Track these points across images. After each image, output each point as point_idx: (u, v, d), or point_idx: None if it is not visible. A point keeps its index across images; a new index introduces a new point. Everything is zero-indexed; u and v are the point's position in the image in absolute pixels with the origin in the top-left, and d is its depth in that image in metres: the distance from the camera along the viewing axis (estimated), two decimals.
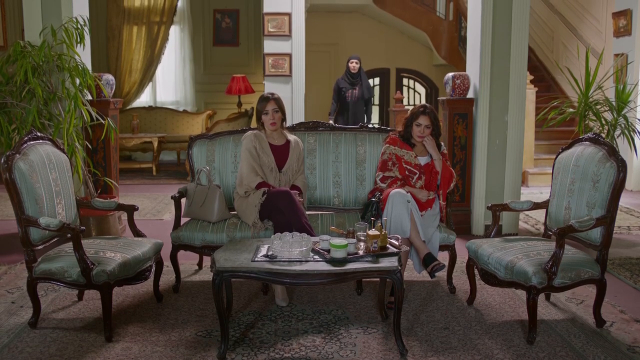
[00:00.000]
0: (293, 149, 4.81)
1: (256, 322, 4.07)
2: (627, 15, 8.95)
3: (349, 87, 9.12)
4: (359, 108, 9.18)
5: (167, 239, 4.70)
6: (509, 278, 3.90)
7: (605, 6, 10.20)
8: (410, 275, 4.89)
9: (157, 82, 12.75)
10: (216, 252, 3.87)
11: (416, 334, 3.91)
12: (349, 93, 9.12)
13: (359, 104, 9.17)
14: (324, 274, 3.58)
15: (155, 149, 10.72)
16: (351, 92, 9.12)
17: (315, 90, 12.73)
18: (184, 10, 12.43)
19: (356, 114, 9.15)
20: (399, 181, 4.63)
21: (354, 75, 9.13)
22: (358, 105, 9.16)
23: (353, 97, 9.11)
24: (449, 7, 12.38)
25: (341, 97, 9.18)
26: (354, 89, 9.11)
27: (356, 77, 9.14)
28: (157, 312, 4.24)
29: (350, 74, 9.14)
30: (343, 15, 13.64)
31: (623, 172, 3.87)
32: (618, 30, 9.22)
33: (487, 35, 6.27)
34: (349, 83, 9.14)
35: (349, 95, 9.11)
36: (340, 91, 9.19)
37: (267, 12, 8.35)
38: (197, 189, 4.79)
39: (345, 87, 9.14)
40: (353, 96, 9.11)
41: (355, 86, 9.12)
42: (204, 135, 5.26)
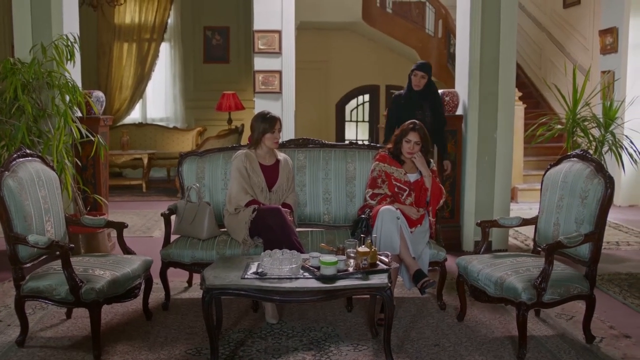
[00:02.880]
0: (283, 168, 4.82)
1: (246, 340, 4.05)
2: (614, 33, 9.04)
3: (413, 109, 5.98)
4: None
5: (157, 256, 4.67)
6: (498, 294, 3.91)
7: (592, 24, 10.31)
8: (400, 292, 4.88)
9: (148, 98, 12.76)
10: (206, 270, 3.86)
11: (406, 351, 3.90)
12: (418, 117, 5.67)
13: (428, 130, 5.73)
14: (314, 291, 3.58)
15: (145, 165, 10.70)
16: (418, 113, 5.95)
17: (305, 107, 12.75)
18: (175, 27, 12.46)
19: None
20: (388, 198, 4.64)
21: (420, 95, 6.04)
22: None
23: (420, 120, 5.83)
24: (437, 25, 12.47)
25: (402, 121, 5.56)
26: (418, 112, 5.95)
27: (421, 95, 6.05)
28: (147, 330, 4.21)
29: (411, 92, 6.09)
30: (333, 32, 13.71)
31: (611, 188, 3.90)
32: (605, 47, 9.31)
33: (475, 53, 6.32)
34: (413, 104, 6.03)
35: (418, 119, 5.60)
36: (401, 116, 5.84)
37: (257, 29, 8.38)
38: (187, 206, 4.79)
39: (408, 110, 5.96)
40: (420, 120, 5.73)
41: (420, 108, 6.02)
42: (194, 152, 5.26)
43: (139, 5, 12.06)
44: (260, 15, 8.36)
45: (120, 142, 10.85)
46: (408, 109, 5.97)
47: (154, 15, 12.08)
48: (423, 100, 6.06)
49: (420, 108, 6.02)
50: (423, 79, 6.02)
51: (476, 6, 6.28)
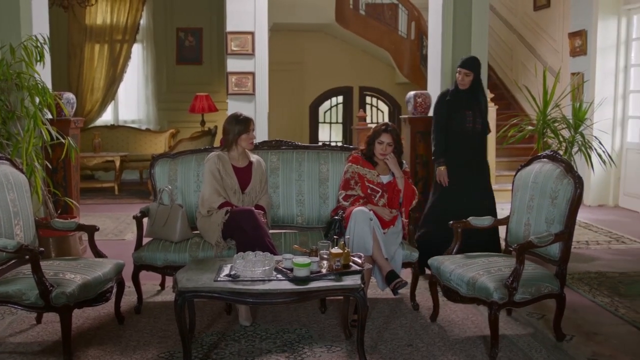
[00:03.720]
0: (256, 170, 4.81)
1: (219, 343, 4.03)
2: (583, 36, 9.18)
3: (462, 109, 5.53)
4: (478, 138, 5.63)
5: (129, 259, 4.63)
6: (470, 294, 3.94)
7: (562, 26, 10.45)
8: (373, 293, 4.90)
9: (120, 100, 12.64)
10: (178, 272, 3.84)
11: (380, 351, 3.92)
12: (466, 117, 5.54)
13: (479, 133, 5.61)
14: (287, 292, 3.58)
15: (118, 168, 10.60)
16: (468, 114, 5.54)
17: (279, 108, 12.75)
18: (147, 28, 12.36)
19: (475, 149, 5.62)
20: (361, 199, 4.65)
21: (469, 94, 5.55)
22: (477, 136, 5.60)
23: (467, 123, 5.55)
24: (410, 27, 12.53)
25: (454, 124, 5.56)
26: (468, 113, 5.52)
27: (470, 95, 5.55)
28: (119, 334, 4.17)
29: (458, 91, 5.58)
30: (306, 34, 13.72)
31: (580, 189, 3.95)
32: (574, 49, 9.44)
33: (447, 55, 6.37)
34: (461, 104, 5.54)
35: (468, 120, 5.55)
36: (450, 115, 5.56)
37: (230, 31, 8.38)
38: (159, 209, 4.76)
39: (457, 110, 5.55)
40: (467, 122, 5.55)
41: (470, 109, 5.54)
42: (166, 155, 5.23)
43: (111, 6, 11.95)
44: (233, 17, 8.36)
45: (92, 144, 10.73)
46: (457, 108, 5.53)
47: (126, 16, 11.98)
48: (473, 100, 5.53)
49: (469, 108, 5.52)
50: (468, 77, 5.46)
51: (448, 8, 6.34)
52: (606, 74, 9.10)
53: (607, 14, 9.04)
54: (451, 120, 5.56)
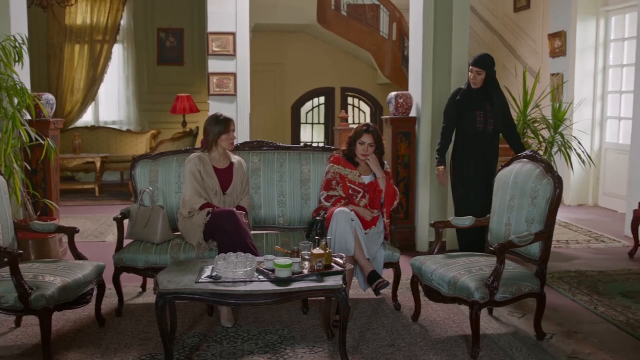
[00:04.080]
0: (237, 170, 4.80)
1: (201, 344, 4.02)
2: (562, 37, 9.26)
3: (473, 109, 5.43)
4: (490, 139, 5.51)
5: (110, 261, 4.60)
6: (452, 294, 3.96)
7: (542, 28, 10.52)
8: (355, 293, 4.91)
9: (100, 101, 12.55)
10: (159, 274, 3.82)
11: (362, 352, 3.93)
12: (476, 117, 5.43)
13: (490, 137, 5.51)
14: (268, 293, 3.58)
15: (98, 169, 10.53)
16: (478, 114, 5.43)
17: (261, 109, 12.73)
18: (127, 28, 12.28)
19: (485, 150, 5.50)
20: (343, 200, 4.66)
21: (481, 93, 5.45)
22: (488, 136, 5.48)
23: (478, 124, 5.43)
24: (392, 28, 12.57)
25: (463, 124, 5.50)
26: (479, 113, 5.42)
27: (483, 95, 5.45)
28: (99, 337, 4.14)
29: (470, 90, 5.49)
30: (288, 35, 13.70)
31: (559, 188, 3.99)
32: (554, 50, 9.52)
33: (428, 55, 6.39)
34: (473, 103, 5.44)
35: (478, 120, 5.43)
36: (461, 115, 5.50)
37: (211, 31, 8.34)
38: (140, 210, 4.73)
39: (469, 110, 5.44)
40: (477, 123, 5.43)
41: (481, 109, 5.42)
42: (147, 156, 5.20)
43: (91, 6, 11.86)
44: (214, 17, 8.33)
45: (72, 146, 10.65)
46: (467, 108, 5.41)
47: (106, 16, 11.90)
48: (485, 99, 5.41)
49: (481, 108, 5.39)
50: (479, 75, 5.34)
51: (429, 9, 6.36)
52: (585, 75, 9.18)
53: (586, 15, 9.13)
54: (462, 121, 5.48)
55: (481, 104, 5.40)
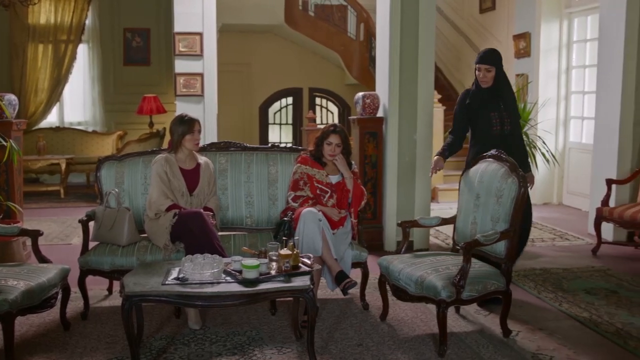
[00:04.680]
0: (204, 171, 4.77)
1: (168, 347, 3.99)
2: (527, 38, 9.38)
3: (487, 111, 5.00)
4: (507, 141, 4.99)
5: (75, 264, 4.54)
6: (419, 293, 3.99)
7: (507, 29, 10.66)
8: (323, 293, 4.92)
9: (65, 102, 12.35)
10: (125, 276, 3.79)
11: (330, 351, 3.93)
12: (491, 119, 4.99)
13: (507, 135, 5.02)
14: (236, 295, 3.56)
15: (63, 171, 10.37)
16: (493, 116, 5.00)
17: (228, 110, 12.67)
18: (93, 28, 12.12)
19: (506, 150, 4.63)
20: (310, 200, 4.66)
21: (493, 93, 5.01)
22: (504, 138, 5.00)
23: (494, 127, 5.00)
24: (359, 28, 12.61)
25: (479, 128, 5.10)
26: (493, 115, 4.98)
27: (494, 94, 5.00)
28: (64, 341, 4.08)
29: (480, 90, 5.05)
30: (256, 35, 13.67)
31: (524, 187, 4.05)
32: (518, 51, 9.64)
33: (395, 56, 6.43)
34: (485, 104, 5.01)
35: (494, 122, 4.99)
36: (471, 118, 5.11)
37: (178, 31, 8.30)
38: (106, 212, 4.68)
39: (481, 111, 5.02)
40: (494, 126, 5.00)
41: (495, 110, 4.99)
42: (113, 157, 5.15)
43: (55, 5, 11.67)
44: (181, 17, 8.28)
45: (37, 147, 10.47)
46: (480, 111, 4.94)
47: (71, 15, 11.72)
48: (498, 99, 4.92)
49: (495, 109, 4.92)
50: (489, 73, 4.85)
51: (395, 10, 6.39)
52: (549, 76, 9.31)
53: (550, 17, 9.27)
54: (476, 125, 5.03)
55: (494, 105, 4.93)
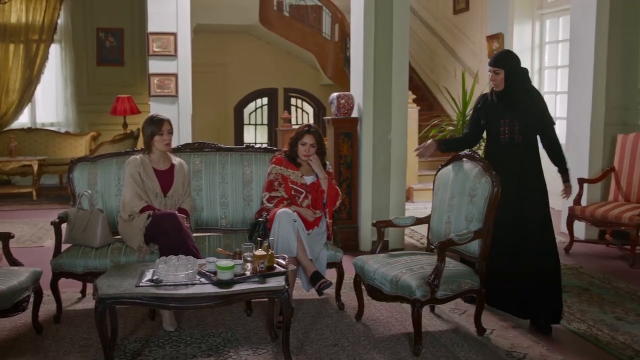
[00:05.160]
0: (178, 172, 4.74)
1: (143, 350, 3.96)
2: (500, 39, 9.47)
3: (493, 112, 4.54)
4: (517, 151, 4.47)
5: (48, 267, 4.49)
6: (394, 292, 4.00)
7: (480, 29, 10.75)
8: (299, 294, 4.91)
9: (37, 102, 12.21)
10: (99, 279, 3.76)
11: (306, 352, 3.94)
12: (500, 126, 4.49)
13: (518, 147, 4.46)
14: (210, 296, 3.55)
15: (36, 172, 10.25)
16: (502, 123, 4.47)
17: (203, 110, 12.61)
18: (65, 28, 11.98)
19: (515, 167, 4.43)
20: (285, 201, 4.66)
21: (500, 96, 4.48)
22: (514, 148, 4.46)
23: (501, 135, 4.49)
24: (334, 29, 12.64)
25: (489, 136, 4.68)
26: (503, 122, 4.47)
27: (505, 99, 4.45)
28: (37, 345, 4.03)
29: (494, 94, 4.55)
30: (230, 35, 13.63)
31: (497, 187, 4.08)
32: (492, 52, 9.71)
33: (369, 57, 6.45)
34: (495, 110, 4.52)
35: (501, 130, 4.49)
36: (483, 118, 4.64)
37: (151, 31, 8.24)
38: (79, 214, 4.63)
39: (492, 117, 4.55)
40: (500, 134, 4.49)
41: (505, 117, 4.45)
42: (86, 158, 5.10)
43: (26, 4, 11.51)
44: (155, 17, 8.23)
45: (8, 148, 10.33)
46: (492, 116, 4.51)
47: (43, 15, 11.57)
48: (510, 105, 4.40)
49: (505, 116, 4.41)
50: (498, 75, 4.38)
51: (369, 11, 6.41)
52: None
53: (523, 18, 9.37)
54: (488, 131, 4.64)
55: (505, 111, 4.42)
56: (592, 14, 6.80)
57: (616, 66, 6.85)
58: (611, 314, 4.62)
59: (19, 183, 11.30)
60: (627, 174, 6.54)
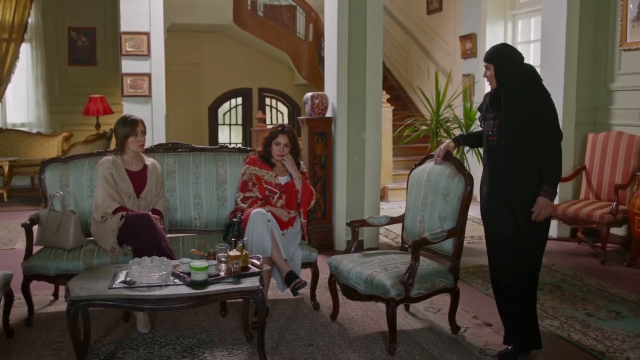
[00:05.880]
0: (151, 173, 4.70)
1: (117, 352, 3.93)
2: (473, 39, 9.55)
3: (486, 111, 3.99)
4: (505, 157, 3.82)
5: (19, 269, 4.43)
6: (369, 292, 4.02)
7: (453, 30, 10.82)
8: (274, 294, 4.91)
9: (7, 102, 12.04)
10: (71, 281, 3.72)
11: (281, 352, 3.93)
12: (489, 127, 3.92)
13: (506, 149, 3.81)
14: (184, 297, 3.54)
15: (7, 173, 10.11)
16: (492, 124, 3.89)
17: (177, 110, 12.54)
18: (36, 27, 11.84)
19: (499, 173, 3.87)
20: (259, 201, 4.65)
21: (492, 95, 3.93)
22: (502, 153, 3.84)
23: (488, 136, 3.91)
24: (308, 29, 12.63)
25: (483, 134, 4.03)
26: (491, 123, 3.90)
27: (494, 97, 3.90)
28: (8, 349, 3.98)
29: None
30: (204, 35, 13.56)
31: (470, 186, 4.11)
32: (465, 52, 9.81)
33: (343, 56, 6.46)
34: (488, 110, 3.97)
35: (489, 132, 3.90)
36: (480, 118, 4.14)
37: (124, 31, 8.16)
38: (51, 215, 4.57)
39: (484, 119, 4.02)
40: (488, 135, 3.91)
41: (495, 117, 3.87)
42: (57, 159, 5.04)
43: None
44: (128, 17, 8.16)
45: None
46: (485, 116, 4.00)
47: (12, 13, 11.41)
48: (498, 104, 3.85)
49: (495, 117, 3.86)
50: (489, 71, 3.89)
51: (343, 10, 6.43)
52: None
53: (495, 18, 9.45)
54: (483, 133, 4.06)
55: (495, 112, 3.88)
56: (562, 14, 6.88)
57: (587, 66, 6.93)
58: (583, 311, 4.68)
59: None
60: (598, 172, 6.63)
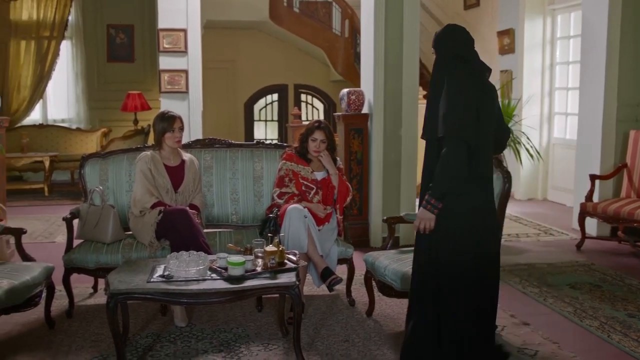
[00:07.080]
0: (188, 168, 4.75)
1: (154, 345, 3.98)
2: (511, 34, 9.43)
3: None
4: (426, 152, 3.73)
5: (60, 262, 4.51)
6: (405, 289, 3.98)
7: (491, 25, 10.70)
8: (310, 290, 4.91)
9: (48, 99, 12.27)
10: (110, 274, 3.77)
11: (317, 348, 3.94)
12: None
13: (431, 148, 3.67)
14: (221, 292, 3.56)
15: (47, 168, 10.30)
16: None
17: (213, 107, 12.64)
18: (76, 24, 12.04)
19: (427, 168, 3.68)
20: (296, 197, 4.66)
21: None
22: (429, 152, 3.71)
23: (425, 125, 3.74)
24: (344, 24, 12.61)
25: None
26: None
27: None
28: (49, 340, 4.06)
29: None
30: (240, 31, 13.63)
31: (508, 183, 4.06)
32: (503, 48, 9.69)
33: (379, 52, 6.44)
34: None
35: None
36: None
37: (162, 27, 8.24)
38: (90, 210, 4.65)
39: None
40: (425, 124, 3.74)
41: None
42: (97, 154, 5.12)
43: (37, 1, 11.58)
44: (165, 14, 8.24)
45: (20, 145, 10.40)
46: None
47: (54, 11, 11.63)
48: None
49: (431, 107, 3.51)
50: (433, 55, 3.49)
51: (380, 6, 6.40)
52: (533, 72, 9.36)
53: (534, 13, 9.32)
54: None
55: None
56: (604, 9, 6.75)
57: (628, 62, 6.79)
58: (623, 311, 4.59)
59: (31, 179, 11.37)
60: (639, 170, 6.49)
